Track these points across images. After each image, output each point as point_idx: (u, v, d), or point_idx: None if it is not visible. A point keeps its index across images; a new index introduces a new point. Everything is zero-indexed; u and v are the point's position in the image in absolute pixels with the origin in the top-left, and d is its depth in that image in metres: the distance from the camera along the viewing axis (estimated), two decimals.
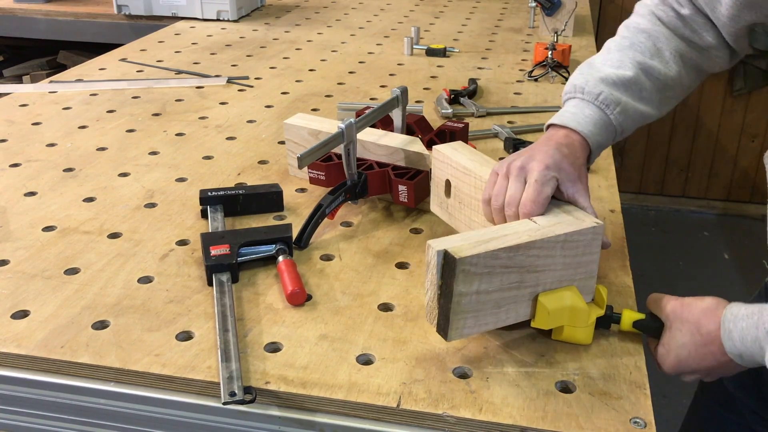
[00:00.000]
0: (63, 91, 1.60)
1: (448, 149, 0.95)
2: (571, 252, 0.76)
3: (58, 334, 0.80)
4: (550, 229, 0.76)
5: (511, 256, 0.72)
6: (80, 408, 0.78)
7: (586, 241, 0.77)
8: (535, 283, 0.76)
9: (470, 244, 0.72)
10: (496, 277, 0.72)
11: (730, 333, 0.71)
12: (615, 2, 3.15)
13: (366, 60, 1.84)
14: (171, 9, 2.25)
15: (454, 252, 0.70)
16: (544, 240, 0.74)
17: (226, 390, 0.71)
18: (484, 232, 0.75)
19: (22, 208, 1.08)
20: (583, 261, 0.78)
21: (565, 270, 0.77)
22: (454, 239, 0.73)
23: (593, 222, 0.78)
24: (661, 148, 3.32)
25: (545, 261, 0.75)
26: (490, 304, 0.74)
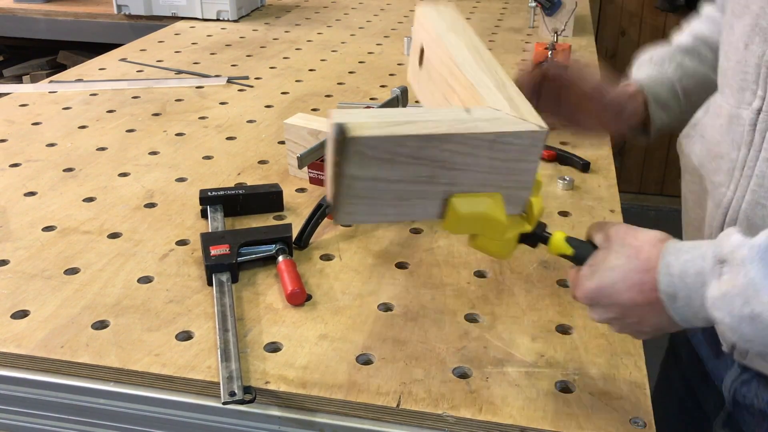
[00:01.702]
0: (63, 91, 1.60)
1: (432, 11, 0.84)
2: (501, 155, 0.64)
3: (58, 334, 0.80)
4: (479, 124, 0.63)
5: (421, 146, 0.61)
6: (80, 408, 0.78)
7: (523, 147, 0.64)
8: (450, 182, 0.65)
9: (377, 123, 0.60)
10: (401, 166, 0.62)
11: (668, 266, 0.62)
12: (615, 2, 3.15)
13: (366, 60, 1.84)
14: (171, 9, 2.25)
15: (351, 128, 0.58)
16: (466, 135, 0.62)
17: (226, 390, 0.71)
18: (402, 112, 0.65)
19: (22, 208, 1.08)
20: (515, 168, 0.66)
21: (491, 174, 0.65)
22: (363, 114, 0.62)
23: (535, 125, 0.64)
24: (661, 148, 3.32)
25: (466, 159, 0.63)
26: (391, 194, 0.64)
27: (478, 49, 0.78)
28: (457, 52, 0.76)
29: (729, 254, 0.58)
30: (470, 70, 0.73)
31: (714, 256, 0.59)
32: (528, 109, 0.67)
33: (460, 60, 0.74)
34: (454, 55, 0.76)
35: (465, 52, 0.77)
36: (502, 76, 0.73)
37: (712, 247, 0.60)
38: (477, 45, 0.79)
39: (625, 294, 0.64)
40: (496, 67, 0.75)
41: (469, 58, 0.76)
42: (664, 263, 0.62)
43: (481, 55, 0.77)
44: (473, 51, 0.77)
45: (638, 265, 0.64)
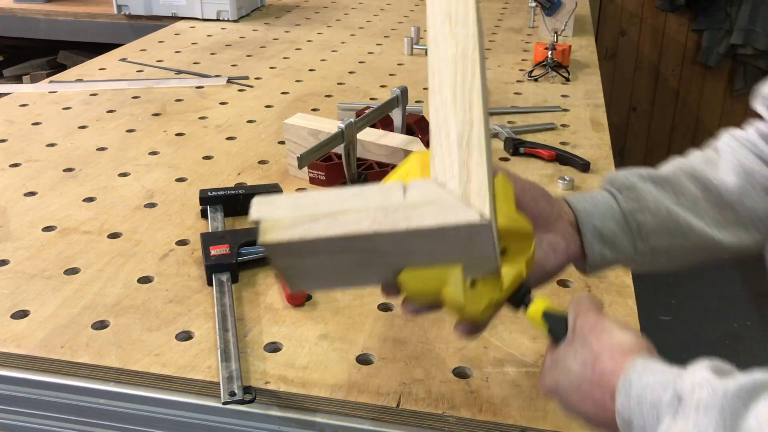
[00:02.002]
0: (63, 91, 1.60)
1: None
2: (441, 245, 0.56)
3: (58, 334, 0.80)
4: (408, 214, 0.54)
5: (342, 244, 0.54)
6: (80, 408, 0.78)
7: (463, 238, 0.55)
8: (393, 261, 0.57)
9: (292, 220, 0.54)
10: (328, 256, 0.56)
11: (628, 385, 0.52)
12: (615, 2, 3.15)
13: (366, 60, 1.84)
14: (171, 9, 2.24)
15: (262, 231, 0.54)
16: (392, 233, 0.54)
17: (226, 390, 0.71)
18: (327, 198, 0.56)
19: (22, 208, 1.08)
20: (466, 250, 0.57)
21: (438, 255, 0.57)
22: (285, 204, 0.55)
23: (476, 214, 0.53)
24: (661, 148, 3.32)
25: (401, 248, 0.56)
26: (334, 274, 0.59)
27: (466, 57, 0.62)
28: (442, 63, 0.62)
29: (688, 392, 0.48)
30: (439, 100, 0.60)
31: (674, 388, 0.49)
32: (479, 180, 0.55)
33: (437, 80, 0.61)
34: (436, 67, 0.62)
35: (445, 64, 0.61)
36: (473, 116, 0.59)
37: (676, 377, 0.50)
38: (467, 52, 0.62)
39: (580, 404, 0.56)
40: (473, 97, 0.59)
41: (448, 76, 0.61)
42: (625, 380, 0.52)
43: (466, 70, 0.61)
44: (459, 63, 0.62)
45: (591, 377, 0.55)
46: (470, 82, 0.60)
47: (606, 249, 0.69)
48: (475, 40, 0.61)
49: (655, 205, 0.70)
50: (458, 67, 0.61)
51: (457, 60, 0.61)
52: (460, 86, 0.60)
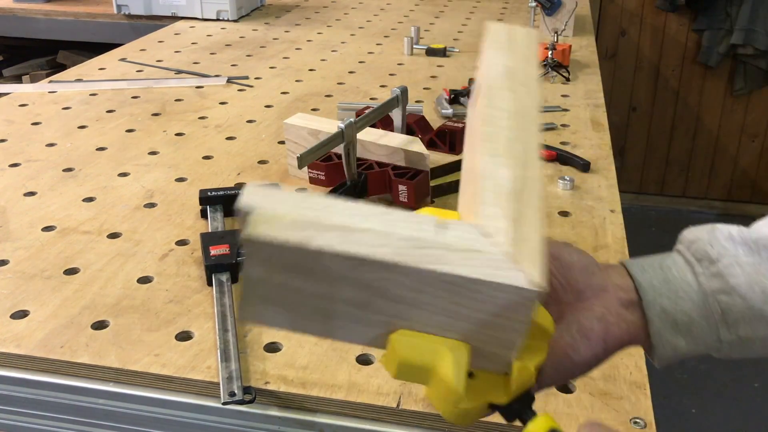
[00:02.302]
0: (62, 91, 1.60)
1: (503, 34, 0.64)
2: (469, 304, 0.45)
3: (58, 334, 0.80)
4: (442, 255, 0.44)
5: (350, 267, 0.44)
6: (79, 408, 0.78)
7: (503, 302, 0.44)
8: (394, 314, 0.46)
9: (293, 220, 0.43)
10: (321, 283, 0.45)
11: None
12: (615, 2, 3.15)
13: (366, 60, 1.84)
14: (171, 9, 2.24)
15: (254, 222, 0.43)
16: (417, 270, 0.43)
17: (226, 390, 0.71)
18: (342, 209, 0.45)
19: (21, 208, 1.08)
20: (492, 322, 0.46)
21: (455, 320, 0.46)
22: (289, 197, 0.45)
23: (527, 279, 0.44)
24: (662, 148, 3.32)
25: (417, 296, 0.45)
26: (310, 309, 0.46)
27: (524, 113, 0.55)
28: (495, 110, 0.54)
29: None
30: (490, 147, 0.52)
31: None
32: (534, 242, 0.46)
33: (487, 131, 0.53)
34: (485, 119, 0.54)
35: (501, 116, 0.54)
36: (528, 175, 0.50)
37: None
38: (527, 111, 0.55)
39: None
40: (529, 158, 0.52)
41: (504, 126, 0.54)
42: None
43: (524, 129, 0.54)
44: (515, 117, 0.55)
45: None
46: (527, 141, 0.53)
47: (680, 338, 0.54)
48: (536, 100, 0.56)
49: (748, 284, 0.53)
50: (514, 123, 0.54)
51: (514, 116, 0.55)
52: (515, 142, 0.53)
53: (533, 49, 0.62)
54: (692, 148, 3.30)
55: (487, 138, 0.53)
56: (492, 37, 0.62)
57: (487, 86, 0.57)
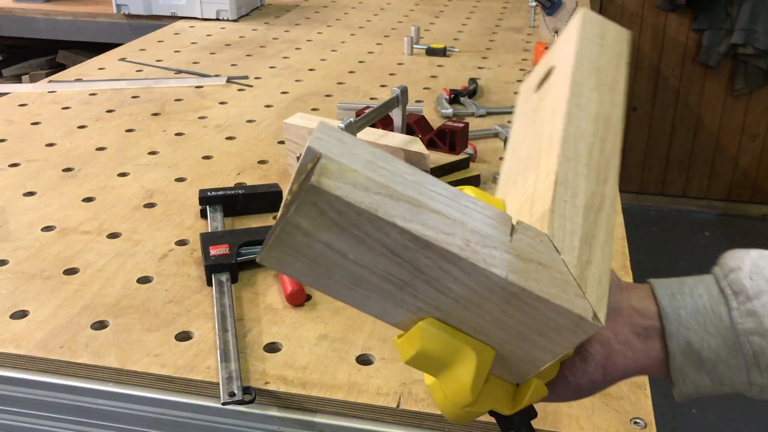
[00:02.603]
0: (62, 91, 1.60)
1: (595, 25, 0.58)
2: (519, 316, 0.43)
3: (57, 335, 0.80)
4: (510, 261, 0.41)
5: (409, 246, 0.41)
6: (79, 408, 0.77)
7: (556, 325, 0.43)
8: (431, 303, 0.44)
9: (366, 178, 0.40)
10: (369, 252, 0.41)
11: None
12: (615, 2, 3.15)
13: (366, 59, 1.84)
14: (170, 8, 2.24)
15: (325, 170, 0.39)
16: (480, 269, 0.41)
17: (226, 390, 0.71)
18: (417, 179, 0.42)
19: (21, 208, 1.08)
20: (532, 337, 0.44)
21: (492, 326, 0.44)
22: (362, 152, 0.41)
23: (590, 311, 0.42)
24: (662, 147, 3.32)
25: (466, 293, 0.43)
26: (344, 274, 0.44)
27: (609, 124, 0.50)
28: (580, 110, 0.49)
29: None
30: (573, 151, 0.47)
31: None
32: (601, 270, 0.44)
33: (569, 130, 0.48)
34: (566, 116, 0.49)
35: (585, 117, 0.49)
36: (606, 192, 0.47)
37: None
38: (611, 119, 0.51)
39: None
40: (610, 173, 0.48)
41: (586, 132, 0.48)
42: None
43: (607, 139, 0.49)
44: (600, 126, 0.50)
45: None
46: (609, 153, 0.48)
47: (704, 376, 0.49)
48: (621, 110, 0.51)
49: None
50: (599, 129, 0.49)
51: (598, 121, 0.49)
52: (597, 152, 0.48)
53: (624, 53, 0.55)
54: (692, 148, 3.30)
55: (568, 139, 0.47)
56: (584, 26, 0.55)
57: (573, 79, 0.51)
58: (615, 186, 0.47)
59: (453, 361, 0.45)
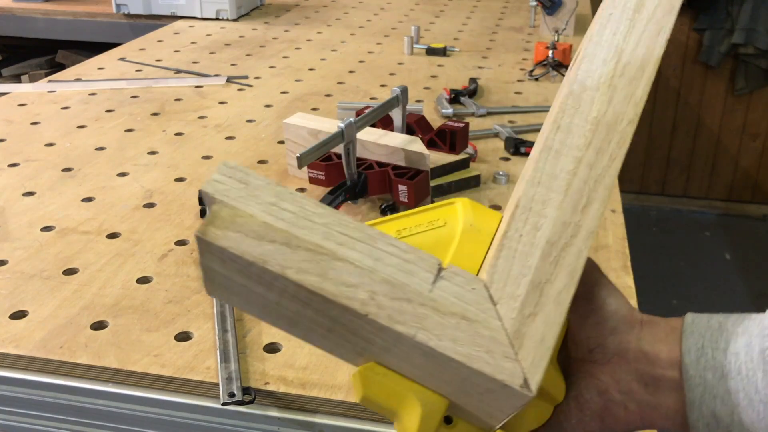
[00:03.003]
0: (61, 91, 1.60)
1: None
2: (449, 377, 0.38)
3: (57, 335, 0.80)
4: (413, 314, 0.36)
5: (314, 302, 0.37)
6: (78, 408, 0.77)
7: (485, 389, 0.37)
8: (363, 349, 0.39)
9: (263, 226, 0.36)
10: (283, 299, 0.38)
11: None
12: None
13: (366, 59, 1.84)
14: (170, 8, 2.24)
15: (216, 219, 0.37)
16: (385, 327, 0.36)
17: (225, 391, 0.71)
18: (315, 220, 0.38)
19: (20, 208, 1.08)
20: (480, 399, 0.38)
21: (431, 378, 0.39)
22: (266, 193, 0.37)
23: (513, 376, 0.36)
24: (662, 147, 3.32)
25: (385, 345, 0.38)
26: (273, 313, 0.40)
27: (615, 125, 0.42)
28: (566, 120, 0.42)
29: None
30: (541, 178, 0.40)
31: None
32: (547, 325, 0.37)
33: (550, 144, 0.41)
34: (552, 124, 0.42)
35: (580, 123, 0.42)
36: (584, 222, 0.39)
37: None
38: (619, 123, 0.42)
39: None
40: (596, 195, 0.40)
41: (575, 143, 0.41)
42: None
43: (606, 149, 0.41)
44: (601, 131, 0.41)
45: None
46: (604, 168, 0.40)
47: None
48: (638, 107, 0.42)
49: None
50: (596, 138, 0.41)
51: (598, 127, 0.41)
52: (585, 169, 0.40)
53: (666, 27, 0.45)
54: (693, 148, 3.29)
55: (546, 155, 0.40)
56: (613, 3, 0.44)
57: (577, 71, 0.42)
58: (598, 213, 0.39)
59: (399, 410, 0.39)
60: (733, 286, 2.79)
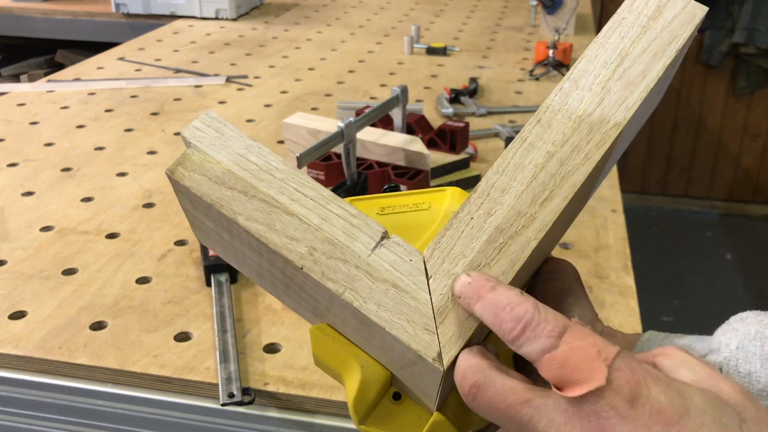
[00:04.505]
0: (61, 90, 1.60)
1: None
2: (379, 342, 0.39)
3: (56, 335, 0.79)
4: (346, 274, 0.38)
5: (262, 248, 0.40)
6: (78, 409, 0.77)
7: (407, 359, 0.38)
8: (313, 307, 0.42)
9: (224, 170, 0.40)
10: (242, 246, 0.41)
11: None
12: (616, 1, 3.15)
13: (366, 59, 1.84)
14: (169, 7, 2.24)
15: (184, 159, 0.40)
16: (317, 282, 0.38)
17: (225, 391, 0.70)
18: (277, 175, 0.40)
19: (19, 208, 1.07)
20: (405, 367, 0.39)
21: (367, 343, 0.40)
22: (236, 141, 0.41)
23: (427, 347, 0.36)
24: (663, 147, 3.32)
25: (325, 303, 0.40)
26: (242, 263, 0.44)
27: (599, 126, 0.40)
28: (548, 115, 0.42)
29: None
30: (506, 167, 0.40)
31: None
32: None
33: (525, 136, 0.41)
34: (535, 116, 0.42)
35: (561, 119, 0.41)
36: (540, 215, 0.39)
37: None
38: (610, 114, 0.41)
39: None
40: (561, 191, 0.39)
41: (551, 138, 0.41)
42: None
43: (583, 147, 0.40)
44: (580, 127, 0.41)
45: None
46: (575, 166, 0.39)
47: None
48: (630, 112, 0.40)
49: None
50: (577, 133, 0.40)
51: (580, 125, 0.40)
52: (555, 164, 0.39)
53: (681, 37, 0.41)
54: (694, 148, 3.29)
55: (522, 144, 0.40)
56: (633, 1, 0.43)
57: (575, 69, 0.42)
58: (557, 210, 0.38)
59: (343, 374, 0.40)
60: (733, 286, 2.79)
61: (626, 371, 0.31)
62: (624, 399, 0.31)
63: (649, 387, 0.31)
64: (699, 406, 0.31)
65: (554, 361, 0.32)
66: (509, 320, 0.34)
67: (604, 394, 0.31)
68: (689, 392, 0.32)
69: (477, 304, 0.35)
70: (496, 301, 0.35)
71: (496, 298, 0.35)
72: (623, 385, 0.31)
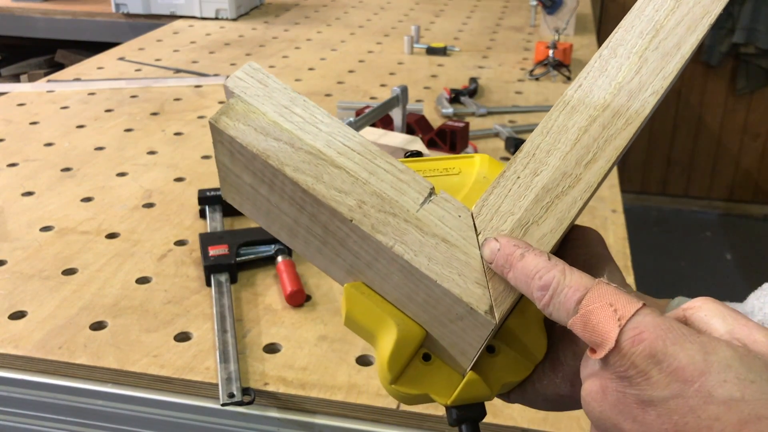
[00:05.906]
0: (61, 91, 1.60)
1: None
2: (424, 297, 0.39)
3: (56, 335, 0.79)
4: (396, 228, 0.38)
5: (307, 201, 0.39)
6: (78, 409, 0.77)
7: (455, 313, 0.38)
8: (351, 263, 0.41)
9: (269, 122, 0.40)
10: (282, 201, 0.41)
11: None
12: (617, 1, 3.15)
13: (366, 59, 1.84)
14: (169, 8, 2.24)
15: (228, 109, 0.40)
16: (366, 234, 0.38)
17: (225, 391, 0.70)
18: (323, 128, 0.40)
19: (19, 208, 1.07)
20: (446, 324, 0.39)
21: (408, 301, 0.40)
22: (281, 96, 0.41)
23: (478, 300, 0.37)
24: (663, 147, 3.32)
25: (368, 258, 0.40)
26: (276, 220, 0.42)
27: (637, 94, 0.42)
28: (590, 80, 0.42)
29: None
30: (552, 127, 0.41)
31: None
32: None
33: (568, 100, 0.42)
34: (577, 80, 0.43)
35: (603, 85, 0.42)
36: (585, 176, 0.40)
37: None
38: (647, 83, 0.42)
39: None
40: (604, 154, 0.40)
41: (593, 102, 0.42)
42: None
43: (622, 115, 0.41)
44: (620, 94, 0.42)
45: None
46: (617, 130, 0.40)
47: None
48: (666, 81, 0.41)
49: None
50: (618, 99, 0.41)
51: (620, 92, 0.41)
52: (598, 128, 0.40)
53: (712, 11, 0.42)
54: (694, 148, 3.29)
55: (565, 107, 0.41)
56: None
57: (613, 39, 0.43)
58: (601, 173, 0.39)
59: (377, 333, 0.41)
60: (733, 286, 2.79)
61: (643, 329, 0.31)
62: (641, 357, 0.31)
63: (667, 345, 0.31)
64: (723, 362, 0.30)
65: (576, 325, 0.33)
66: (538, 289, 0.35)
67: (621, 353, 0.31)
68: (714, 347, 0.31)
69: (509, 273, 0.36)
70: (526, 270, 0.35)
71: (525, 267, 0.35)
72: (638, 343, 0.31)
